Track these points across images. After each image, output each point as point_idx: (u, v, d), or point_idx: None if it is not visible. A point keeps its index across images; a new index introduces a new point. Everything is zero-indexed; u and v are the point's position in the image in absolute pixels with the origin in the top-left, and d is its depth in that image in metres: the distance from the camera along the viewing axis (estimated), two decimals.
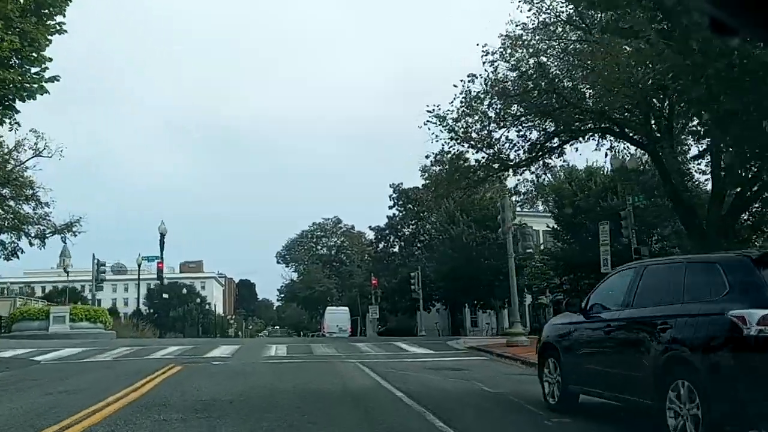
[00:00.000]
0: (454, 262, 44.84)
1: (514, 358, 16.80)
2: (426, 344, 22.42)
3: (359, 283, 66.43)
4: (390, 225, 59.96)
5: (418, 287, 44.35)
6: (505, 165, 27.85)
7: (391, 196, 59.34)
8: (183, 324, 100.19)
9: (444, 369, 14.25)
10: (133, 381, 10.96)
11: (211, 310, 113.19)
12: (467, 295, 48.31)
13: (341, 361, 15.85)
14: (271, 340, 26.35)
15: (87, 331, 28.51)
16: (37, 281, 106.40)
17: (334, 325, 48.67)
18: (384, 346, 21.24)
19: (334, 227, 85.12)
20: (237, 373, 12.60)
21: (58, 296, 68.48)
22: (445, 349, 20.50)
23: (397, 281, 54.07)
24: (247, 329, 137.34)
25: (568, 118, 26.83)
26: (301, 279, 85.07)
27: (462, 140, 28.42)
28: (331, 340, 26.48)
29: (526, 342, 19.47)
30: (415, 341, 24.77)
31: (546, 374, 8.81)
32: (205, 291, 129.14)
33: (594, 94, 26.74)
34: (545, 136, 27.50)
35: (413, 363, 15.63)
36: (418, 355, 17.90)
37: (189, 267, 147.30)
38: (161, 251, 43.92)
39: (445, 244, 46.19)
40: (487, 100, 25.82)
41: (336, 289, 78.90)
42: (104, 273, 36.61)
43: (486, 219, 44.94)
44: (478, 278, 45.02)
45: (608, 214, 41.14)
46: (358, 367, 14.38)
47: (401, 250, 59.58)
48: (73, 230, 40.74)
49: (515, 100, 25.68)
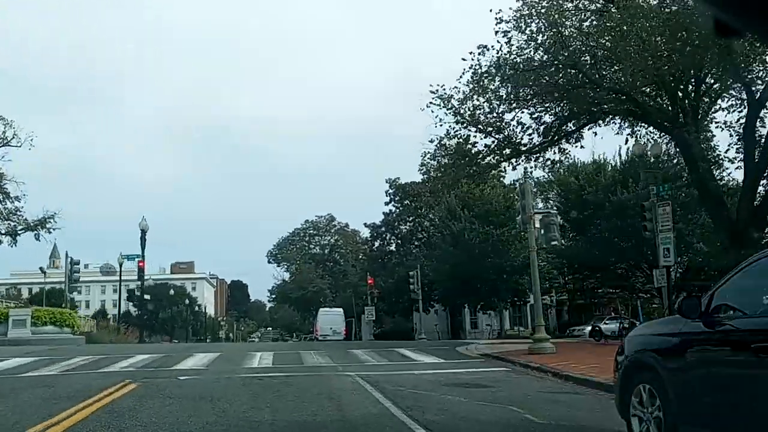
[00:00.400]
0: (455, 260, 42.12)
1: (542, 369, 14.08)
2: (432, 351, 19.66)
3: (354, 283, 63.61)
4: (386, 222, 57.13)
5: (418, 287, 41.54)
6: (518, 150, 25.15)
7: (388, 191, 56.58)
8: (172, 326, 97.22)
9: (464, 385, 11.52)
10: (63, 408, 8.22)
11: (201, 312, 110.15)
12: (468, 295, 45.57)
13: (336, 375, 13.09)
14: (256, 346, 23.51)
15: (51, 336, 25.59)
16: (24, 282, 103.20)
17: (327, 327, 45.83)
18: (385, 354, 18.48)
19: (327, 225, 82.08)
20: (203, 394, 9.81)
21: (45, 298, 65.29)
22: (456, 358, 17.76)
23: (394, 281, 51.29)
24: (239, 331, 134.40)
25: (587, 97, 24.18)
26: (293, 279, 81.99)
27: (469, 124, 25.72)
28: (325, 347, 23.69)
29: (551, 349, 16.76)
30: (419, 347, 22.01)
31: (636, 406, 6.08)
32: (195, 292, 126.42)
33: (617, 71, 24.15)
34: (562, 118, 24.82)
35: (424, 376, 12.89)
36: (427, 366, 15.14)
37: (180, 268, 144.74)
38: (142, 249, 41.11)
39: (445, 241, 43.43)
40: (499, 78, 23.11)
41: (329, 290, 76.01)
42: (78, 272, 33.74)
43: (489, 214, 42.28)
44: (481, 277, 42.31)
45: (618, 209, 38.77)
46: (357, 383, 11.63)
47: (398, 248, 56.79)
48: (47, 227, 37.96)
49: (530, 76, 22.98)
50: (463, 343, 27.00)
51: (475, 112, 25.18)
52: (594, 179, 41.35)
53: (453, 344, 25.26)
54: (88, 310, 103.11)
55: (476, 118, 25.33)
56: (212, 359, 16.53)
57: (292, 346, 24.80)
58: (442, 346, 23.81)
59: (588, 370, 13.18)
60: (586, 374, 12.66)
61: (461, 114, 25.29)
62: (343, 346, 25.81)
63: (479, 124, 25.50)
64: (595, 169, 42.40)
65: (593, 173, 41.89)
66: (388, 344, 25.19)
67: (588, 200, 39.65)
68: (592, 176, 41.71)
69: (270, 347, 22.75)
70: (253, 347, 22.65)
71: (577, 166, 42.09)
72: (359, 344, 28.58)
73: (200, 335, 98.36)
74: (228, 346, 32.64)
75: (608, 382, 11.29)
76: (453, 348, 21.55)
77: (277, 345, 31.53)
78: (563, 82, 23.69)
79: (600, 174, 41.61)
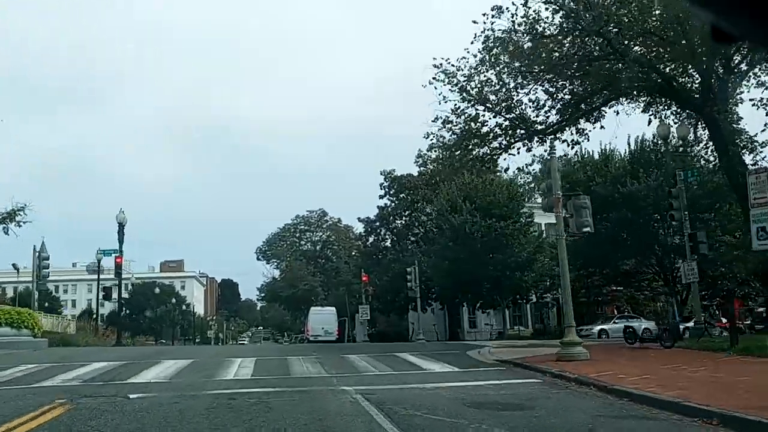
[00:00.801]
0: (455, 255, 39.44)
1: (583, 381, 11.43)
2: (439, 356, 17.01)
3: (347, 281, 60.86)
4: (381, 216, 54.30)
5: (416, 284, 38.83)
6: (532, 130, 22.53)
7: (382, 184, 53.75)
8: (160, 326, 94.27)
9: (495, 407, 8.87)
10: None
11: (189, 311, 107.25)
12: (469, 293, 42.91)
13: (331, 391, 10.40)
14: (237, 351, 20.72)
15: (8, 339, 22.70)
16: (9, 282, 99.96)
17: (319, 327, 43.02)
18: (387, 360, 15.79)
19: (319, 220, 79.02)
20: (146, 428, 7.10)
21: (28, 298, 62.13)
22: (470, 365, 15.08)
23: (390, 278, 48.57)
24: (229, 331, 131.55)
25: (610, 71, 21.60)
26: (283, 277, 78.89)
27: (476, 102, 23.10)
28: (316, 350, 20.96)
29: (584, 355, 14.13)
30: (423, 351, 19.33)
31: None
32: (184, 291, 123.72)
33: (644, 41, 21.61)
34: (582, 94, 22.21)
35: (440, 393, 10.24)
36: (439, 377, 12.46)
37: (169, 266, 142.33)
38: (120, 244, 38.33)
39: (444, 235, 40.71)
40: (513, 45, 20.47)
41: (321, 288, 73.14)
42: (48, 268, 30.93)
43: (492, 206, 39.61)
44: (483, 274, 39.65)
45: (628, 200, 36.30)
46: (357, 404, 8.97)
47: (394, 244, 54.02)
48: (17, 220, 35.18)
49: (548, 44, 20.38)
50: (468, 345, 24.39)
51: (483, 89, 22.59)
52: (602, 170, 38.97)
53: (459, 347, 22.60)
54: (74, 309, 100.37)
55: (484, 96, 22.73)
56: (180, 368, 13.81)
57: (278, 350, 22.05)
58: (448, 349, 21.13)
59: (643, 384, 10.58)
60: (643, 389, 10.05)
61: (467, 91, 22.68)
62: (336, 349, 23.11)
63: (488, 102, 22.89)
64: (603, 159, 40.07)
65: (601, 164, 39.55)
66: (386, 347, 22.51)
67: (596, 192, 37.17)
68: (600, 167, 39.33)
69: (252, 352, 19.96)
70: (233, 352, 19.88)
71: (584, 157, 39.69)
72: (354, 347, 25.91)
73: (189, 335, 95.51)
74: (208, 350, 29.86)
75: (680, 401, 8.75)
76: (463, 352, 18.87)
77: (262, 349, 28.72)
78: (583, 53, 21.14)
79: (608, 165, 39.26)
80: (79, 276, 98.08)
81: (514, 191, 42.06)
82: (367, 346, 25.64)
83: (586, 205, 14.95)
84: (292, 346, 39.96)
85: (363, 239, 59.16)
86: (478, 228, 38.56)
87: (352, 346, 28.24)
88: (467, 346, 22.38)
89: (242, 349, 27.48)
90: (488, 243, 38.80)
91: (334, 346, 28.75)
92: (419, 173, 52.41)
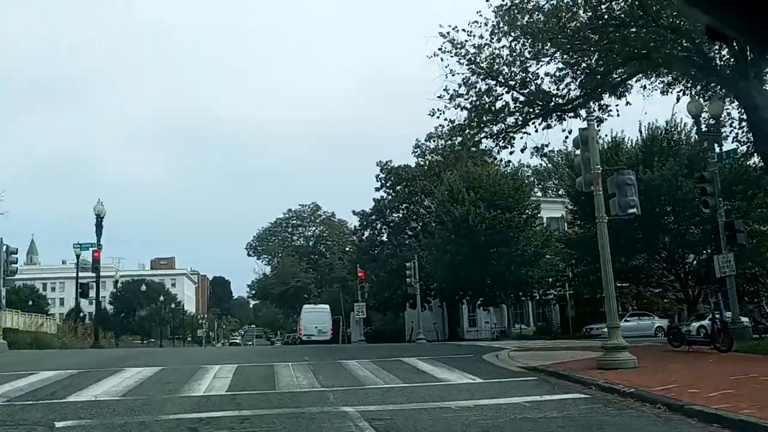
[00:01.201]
0: (457, 249, 37.04)
1: (647, 398, 8.99)
2: (453, 362, 14.56)
3: (341, 277, 58.37)
4: (377, 209, 51.79)
5: (415, 280, 36.37)
6: (552, 105, 20.11)
7: (378, 176, 51.26)
8: (149, 324, 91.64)
9: None
10: None
11: (180, 309, 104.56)
12: (471, 290, 40.53)
13: (327, 414, 7.93)
14: (213, 357, 18.14)
15: None
16: None
17: (311, 326, 40.47)
18: (392, 368, 13.31)
19: (312, 215, 76.29)
20: None
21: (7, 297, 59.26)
22: (492, 374, 12.61)
23: (387, 274, 46.15)
24: (221, 329, 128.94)
25: (639, 38, 19.21)
26: (274, 273, 76.12)
27: (487, 75, 20.69)
28: (309, 353, 18.48)
29: (632, 362, 11.69)
30: (433, 355, 16.85)
31: None
32: (175, 289, 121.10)
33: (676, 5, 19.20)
34: (607, 63, 19.79)
35: (470, 415, 7.79)
36: (461, 391, 10.01)
37: (160, 264, 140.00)
38: (98, 238, 35.89)
39: (446, 227, 38.26)
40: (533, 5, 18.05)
41: (314, 285, 70.53)
42: (15, 263, 28.37)
43: (496, 197, 37.19)
44: (487, 269, 37.25)
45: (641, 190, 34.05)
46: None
47: (390, 238, 51.53)
48: None
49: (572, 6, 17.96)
50: (478, 347, 21.98)
51: (494, 62, 20.18)
52: (612, 159, 36.69)
53: (471, 349, 20.17)
54: (62, 308, 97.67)
55: (496, 69, 20.31)
56: (142, 380, 11.31)
57: (264, 354, 19.54)
58: (459, 353, 18.67)
59: (730, 402, 8.16)
60: (736, 410, 7.63)
61: (477, 63, 20.27)
62: (331, 352, 20.62)
63: (500, 76, 20.47)
64: (613, 147, 37.78)
65: (612, 152, 37.26)
66: (388, 350, 20.07)
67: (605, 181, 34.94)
68: (610, 155, 37.03)
69: (233, 357, 17.40)
70: (209, 358, 17.34)
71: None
72: (351, 350, 23.44)
73: (179, 334, 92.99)
74: (188, 353, 27.26)
75: None
76: (478, 356, 16.42)
77: (245, 352, 26.17)
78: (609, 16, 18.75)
79: (619, 154, 36.99)
80: (68, 274, 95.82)
81: (520, 181, 39.70)
82: (366, 349, 23.22)
83: (631, 182, 12.58)
84: (283, 348, 37.43)
85: (358, 233, 56.63)
86: (482, 219, 36.15)
87: (349, 349, 25.79)
88: (479, 349, 19.97)
89: (223, 353, 24.93)
90: (492, 236, 36.43)
91: (329, 348, 26.27)
92: (417, 164, 50.01)
